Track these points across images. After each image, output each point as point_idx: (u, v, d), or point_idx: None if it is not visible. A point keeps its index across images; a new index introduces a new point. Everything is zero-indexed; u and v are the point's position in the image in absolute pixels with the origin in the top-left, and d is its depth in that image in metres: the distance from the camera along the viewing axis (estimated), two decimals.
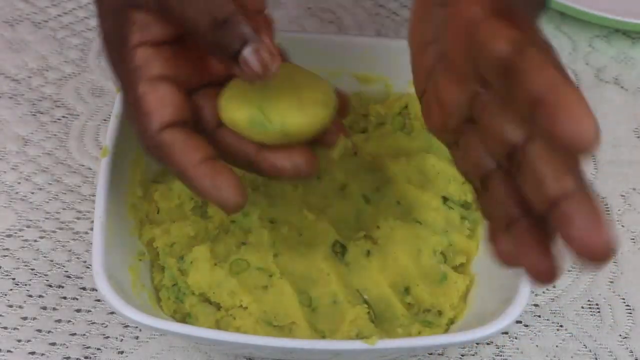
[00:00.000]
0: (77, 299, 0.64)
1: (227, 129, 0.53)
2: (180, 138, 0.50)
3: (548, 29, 0.81)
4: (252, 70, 0.49)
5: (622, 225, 0.69)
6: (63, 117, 0.72)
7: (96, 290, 0.57)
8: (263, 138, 0.52)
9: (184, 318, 0.58)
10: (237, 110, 0.52)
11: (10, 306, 0.63)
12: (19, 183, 0.69)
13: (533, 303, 0.65)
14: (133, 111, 0.51)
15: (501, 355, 0.63)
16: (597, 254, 0.40)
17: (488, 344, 0.63)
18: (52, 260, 0.65)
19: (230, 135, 0.53)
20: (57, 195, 0.68)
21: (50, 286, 0.64)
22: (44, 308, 0.63)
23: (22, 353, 0.61)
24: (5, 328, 0.62)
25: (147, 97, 0.51)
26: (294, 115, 0.51)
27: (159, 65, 0.51)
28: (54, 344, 0.62)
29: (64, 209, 0.68)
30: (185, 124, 0.51)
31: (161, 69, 0.51)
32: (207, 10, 0.49)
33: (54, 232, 0.66)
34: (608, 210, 0.70)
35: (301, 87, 0.53)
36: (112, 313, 0.63)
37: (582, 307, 0.65)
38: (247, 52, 0.49)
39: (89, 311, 0.63)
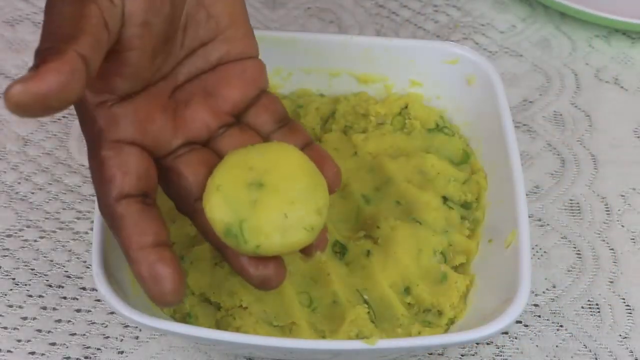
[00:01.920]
0: (77, 299, 0.64)
1: None
2: (133, 213, 0.48)
3: (548, 28, 0.81)
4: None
5: (622, 225, 0.69)
6: (63, 117, 0.72)
7: (96, 290, 0.57)
8: (234, 248, 0.50)
9: (184, 318, 0.58)
10: (217, 213, 0.50)
11: (10, 306, 0.63)
12: (19, 183, 0.69)
13: (533, 303, 0.65)
14: (94, 173, 0.49)
15: (501, 355, 0.63)
16: None
17: (488, 344, 0.63)
18: (52, 260, 0.65)
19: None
20: (57, 195, 0.68)
21: (50, 286, 0.64)
22: (44, 308, 0.63)
23: (22, 353, 0.61)
24: (5, 328, 0.62)
25: (108, 163, 0.48)
26: (272, 240, 0.49)
27: (122, 128, 0.48)
28: (54, 344, 0.62)
29: (64, 209, 0.68)
30: (145, 195, 0.49)
31: (125, 132, 0.48)
32: None
33: (54, 232, 0.66)
34: (608, 210, 0.70)
35: (294, 196, 0.50)
36: (112, 313, 0.63)
37: (582, 307, 0.65)
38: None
39: (89, 311, 0.63)
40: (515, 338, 0.64)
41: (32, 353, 0.61)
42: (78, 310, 0.63)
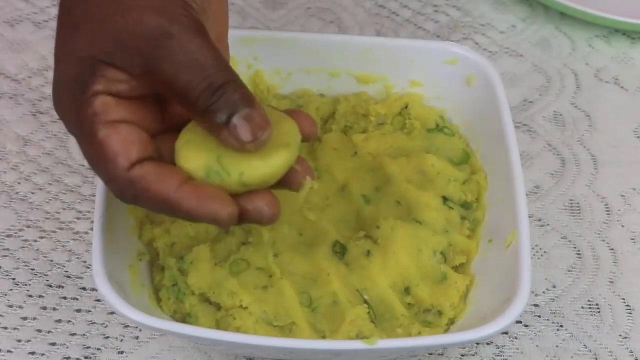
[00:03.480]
0: (77, 299, 0.64)
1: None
2: (152, 169, 0.49)
3: (548, 29, 0.81)
4: (241, 138, 0.48)
5: (622, 225, 0.69)
6: None
7: (96, 290, 0.57)
8: (220, 186, 0.50)
9: (184, 318, 0.58)
10: (193, 160, 0.50)
11: (10, 306, 0.63)
12: (19, 183, 0.69)
13: (533, 303, 0.65)
14: (94, 158, 0.49)
15: (501, 355, 0.63)
16: None
17: (488, 344, 0.63)
18: (52, 260, 0.65)
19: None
20: (57, 195, 0.68)
21: (50, 286, 0.64)
22: (44, 308, 0.63)
23: (22, 353, 0.61)
24: (5, 328, 0.62)
25: (110, 140, 0.49)
26: (254, 165, 0.50)
27: (116, 111, 0.49)
28: (54, 344, 0.62)
29: (64, 209, 0.68)
30: (153, 159, 0.50)
31: (119, 114, 0.49)
32: (203, 76, 0.48)
33: (54, 232, 0.66)
34: (608, 210, 0.70)
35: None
36: (112, 313, 0.63)
37: (582, 307, 0.65)
38: (237, 120, 0.47)
39: (89, 311, 0.63)
40: (515, 338, 0.64)
41: (32, 353, 0.61)
42: (78, 310, 0.63)
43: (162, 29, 0.48)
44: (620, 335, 0.64)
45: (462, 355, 0.63)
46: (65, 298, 0.64)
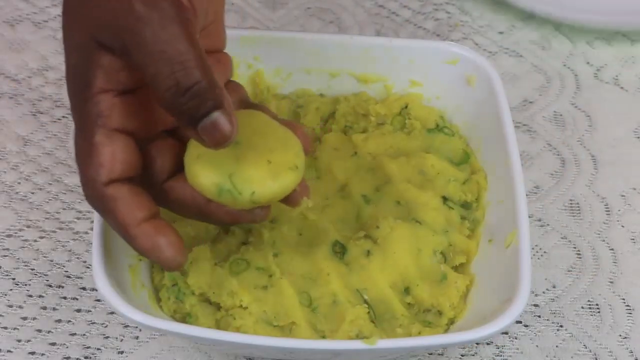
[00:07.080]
0: (77, 299, 0.64)
1: (177, 182, 0.53)
2: (125, 194, 0.50)
3: (548, 29, 0.81)
4: (207, 142, 0.48)
5: (622, 226, 0.69)
6: (63, 117, 0.72)
7: (96, 290, 0.57)
8: (231, 205, 0.52)
9: (184, 318, 0.58)
10: (204, 177, 0.51)
11: (10, 306, 0.63)
12: (19, 183, 0.69)
13: (533, 303, 0.65)
14: (81, 154, 0.50)
15: (501, 355, 0.63)
16: None
17: (488, 344, 0.63)
18: (52, 260, 0.65)
19: (179, 190, 0.52)
20: (57, 195, 0.68)
21: (50, 286, 0.64)
22: (44, 308, 0.63)
23: (22, 353, 0.61)
24: (5, 328, 0.62)
25: (101, 149, 0.49)
26: (265, 185, 0.51)
27: (119, 117, 0.50)
28: (54, 344, 0.62)
29: (64, 209, 0.68)
30: (131, 179, 0.51)
31: (121, 121, 0.50)
32: (170, 71, 0.47)
33: (54, 232, 0.66)
34: (608, 210, 0.70)
35: (272, 146, 0.52)
36: (112, 313, 0.63)
37: (582, 307, 0.65)
38: (203, 127, 0.47)
39: (89, 311, 0.63)
40: (515, 338, 0.64)
41: (32, 353, 0.61)
42: (78, 310, 0.63)
43: (137, 14, 0.47)
44: (620, 335, 0.64)
45: (462, 355, 0.63)
46: (65, 298, 0.64)
